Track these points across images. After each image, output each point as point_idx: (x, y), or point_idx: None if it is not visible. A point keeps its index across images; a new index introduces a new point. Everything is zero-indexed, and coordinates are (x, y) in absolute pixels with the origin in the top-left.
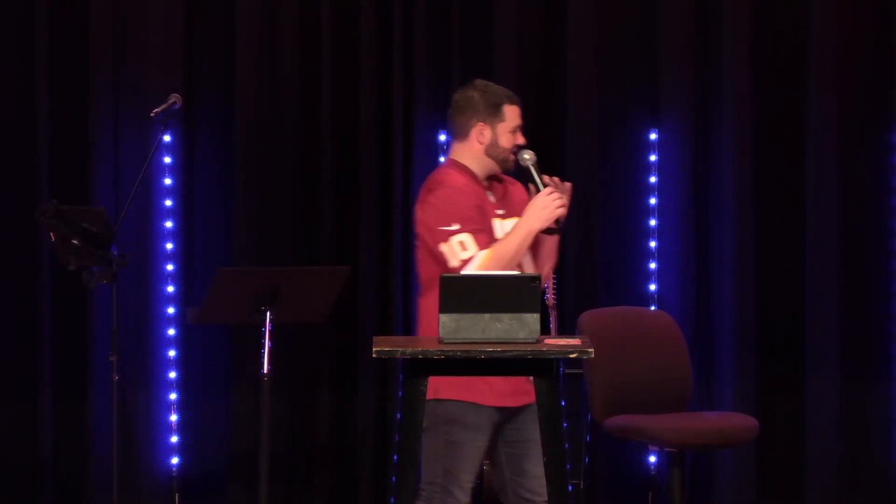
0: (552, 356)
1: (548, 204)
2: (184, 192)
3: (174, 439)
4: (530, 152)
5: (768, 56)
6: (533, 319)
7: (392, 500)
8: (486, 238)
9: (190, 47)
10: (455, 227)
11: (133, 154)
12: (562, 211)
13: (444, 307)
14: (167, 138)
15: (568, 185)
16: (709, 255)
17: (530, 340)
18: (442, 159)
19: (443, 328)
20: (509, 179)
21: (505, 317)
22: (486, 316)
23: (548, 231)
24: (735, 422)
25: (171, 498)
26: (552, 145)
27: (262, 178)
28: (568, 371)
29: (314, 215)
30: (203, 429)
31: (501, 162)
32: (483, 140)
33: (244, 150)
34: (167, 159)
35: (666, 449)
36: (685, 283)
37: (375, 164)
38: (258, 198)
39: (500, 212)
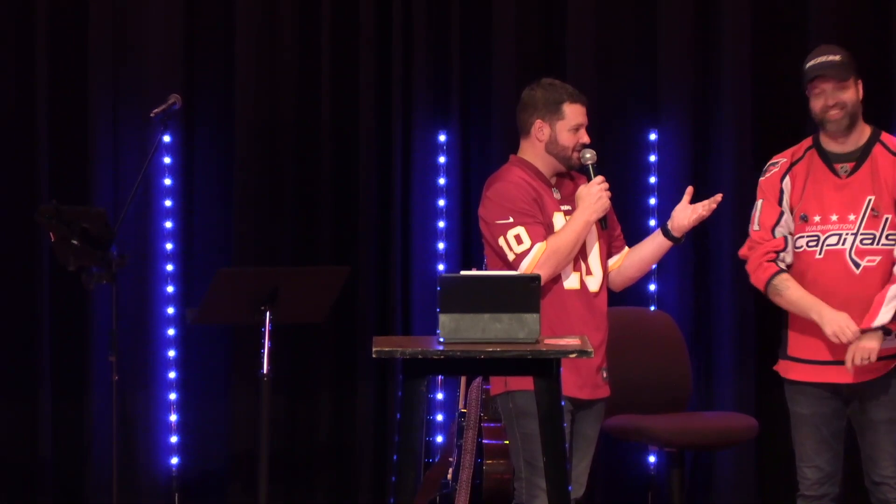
0: (552, 356)
1: (600, 195)
2: (184, 192)
3: (174, 439)
4: (591, 152)
5: (768, 56)
6: (533, 319)
7: (392, 500)
8: (541, 230)
9: (190, 47)
10: (510, 220)
11: (133, 154)
12: (609, 203)
13: (444, 307)
14: (167, 139)
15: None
16: (708, 254)
17: (530, 340)
18: (442, 159)
19: (442, 328)
20: (581, 178)
21: (505, 317)
22: (486, 316)
23: (602, 223)
24: (735, 422)
25: (171, 498)
26: None
27: (262, 178)
28: None
29: (314, 215)
30: (203, 429)
31: (563, 160)
32: (542, 137)
33: (244, 150)
34: (167, 159)
35: (666, 449)
36: (685, 283)
37: (375, 164)
38: (258, 198)
39: (565, 207)
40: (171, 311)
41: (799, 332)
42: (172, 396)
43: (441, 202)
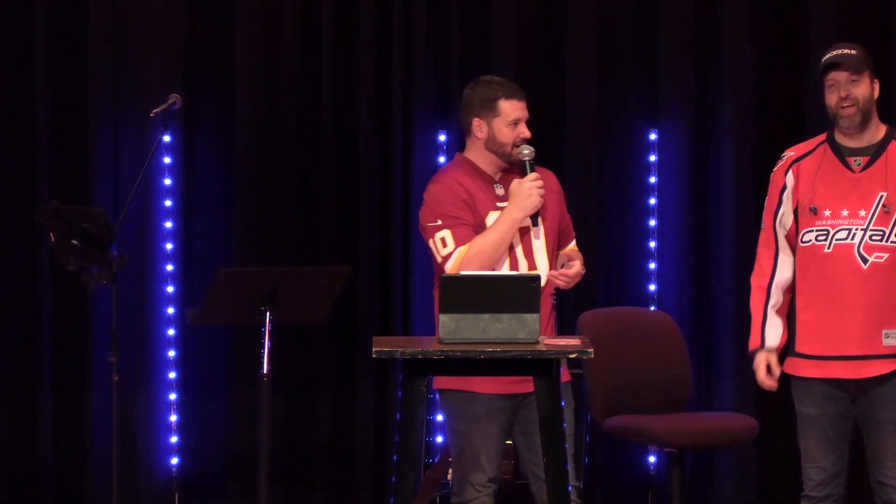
0: (552, 356)
1: (530, 192)
2: (184, 192)
3: (174, 439)
4: (530, 148)
5: (768, 56)
6: (532, 319)
7: (392, 500)
8: (467, 233)
9: (190, 47)
10: (438, 223)
11: (133, 154)
12: (540, 200)
13: (444, 307)
14: (167, 138)
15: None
16: (709, 255)
17: (530, 340)
18: (442, 159)
19: (443, 328)
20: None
21: (505, 317)
22: (486, 316)
23: (534, 220)
24: (735, 422)
25: (171, 498)
26: (552, 146)
27: (262, 178)
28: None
29: (314, 215)
30: (203, 429)
31: (503, 156)
32: (481, 135)
33: (244, 150)
34: (167, 159)
35: (666, 449)
36: (685, 283)
37: (375, 164)
38: (258, 198)
39: (502, 205)
40: (171, 311)
41: (806, 327)
42: (172, 396)
43: None
